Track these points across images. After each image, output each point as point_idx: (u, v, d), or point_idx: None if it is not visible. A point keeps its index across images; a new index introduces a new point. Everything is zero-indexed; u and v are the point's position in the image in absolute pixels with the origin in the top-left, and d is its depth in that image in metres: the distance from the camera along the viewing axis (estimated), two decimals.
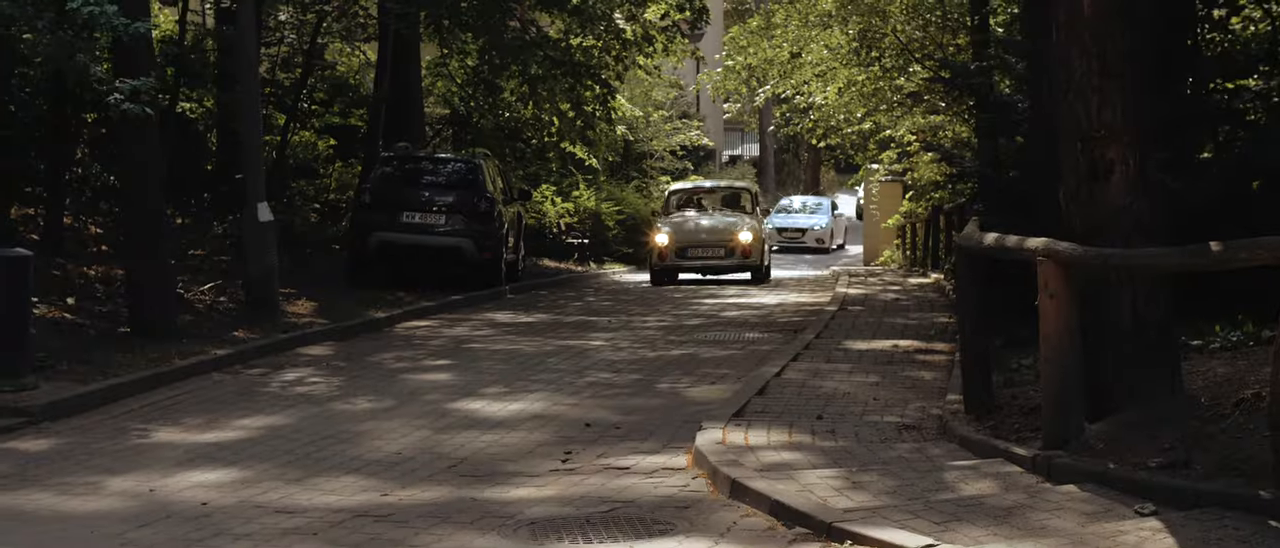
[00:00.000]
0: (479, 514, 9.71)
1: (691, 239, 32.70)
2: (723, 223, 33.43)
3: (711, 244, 32.60)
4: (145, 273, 18.33)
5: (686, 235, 32.78)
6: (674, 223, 33.38)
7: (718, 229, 33.02)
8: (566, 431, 12.79)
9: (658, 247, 32.59)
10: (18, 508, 10.18)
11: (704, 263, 32.66)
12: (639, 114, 46.31)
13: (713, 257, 32.54)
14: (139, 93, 16.52)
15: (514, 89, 33.15)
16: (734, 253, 32.48)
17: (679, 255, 32.45)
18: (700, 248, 32.56)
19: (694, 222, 33.56)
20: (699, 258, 32.60)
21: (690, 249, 32.54)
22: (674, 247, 32.42)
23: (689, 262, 32.59)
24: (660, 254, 32.48)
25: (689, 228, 33.10)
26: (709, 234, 32.84)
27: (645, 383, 15.65)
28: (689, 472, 10.94)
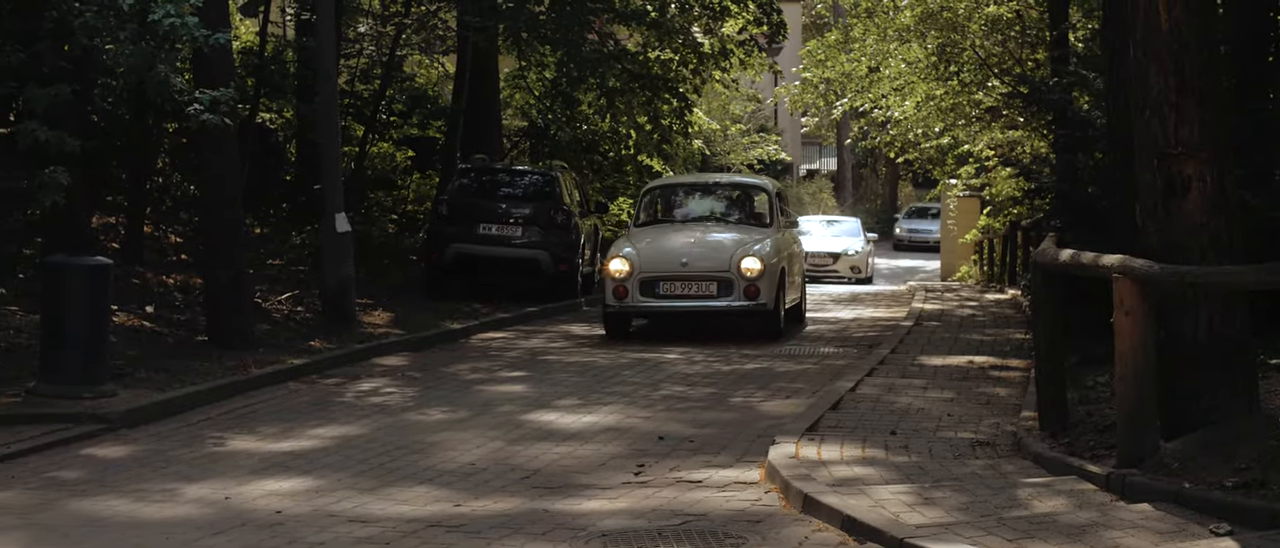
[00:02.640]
0: (551, 526, 9.74)
1: (664, 265, 21.26)
2: (718, 241, 22.07)
3: (697, 276, 21.24)
4: (223, 282, 18.47)
5: (658, 259, 21.36)
6: (643, 240, 22.19)
7: (708, 251, 21.63)
8: (639, 443, 12.81)
9: (612, 276, 21.24)
10: (95, 514, 10.29)
11: (685, 303, 21.31)
12: (716, 127, 46.27)
13: (698, 293, 21.21)
14: (218, 103, 16.65)
15: (591, 102, 33.17)
16: (732, 288, 21.01)
17: (646, 290, 21.15)
18: (679, 280, 21.25)
19: (674, 238, 22.23)
20: (677, 295, 21.25)
21: (663, 282, 21.19)
22: (638, 276, 21.08)
23: (660, 300, 21.27)
24: (617, 289, 21.19)
25: (664, 248, 21.71)
26: (695, 257, 21.42)
27: (719, 397, 15.65)
28: (762, 486, 10.93)
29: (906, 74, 33.82)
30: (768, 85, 52.28)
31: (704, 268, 21.14)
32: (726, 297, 20.99)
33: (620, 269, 21.09)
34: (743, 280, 20.86)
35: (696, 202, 24.12)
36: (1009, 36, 30.83)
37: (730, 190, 24.51)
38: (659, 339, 21.22)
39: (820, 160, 78.72)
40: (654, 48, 31.90)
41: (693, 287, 21.09)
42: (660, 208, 23.98)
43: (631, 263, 21.06)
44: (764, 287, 20.94)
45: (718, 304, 21.09)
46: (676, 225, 23.06)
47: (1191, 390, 10.70)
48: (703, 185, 25.02)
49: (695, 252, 21.49)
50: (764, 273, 20.93)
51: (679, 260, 21.27)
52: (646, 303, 21.21)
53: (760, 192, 23.99)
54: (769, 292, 21.04)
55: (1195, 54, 10.77)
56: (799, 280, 23.75)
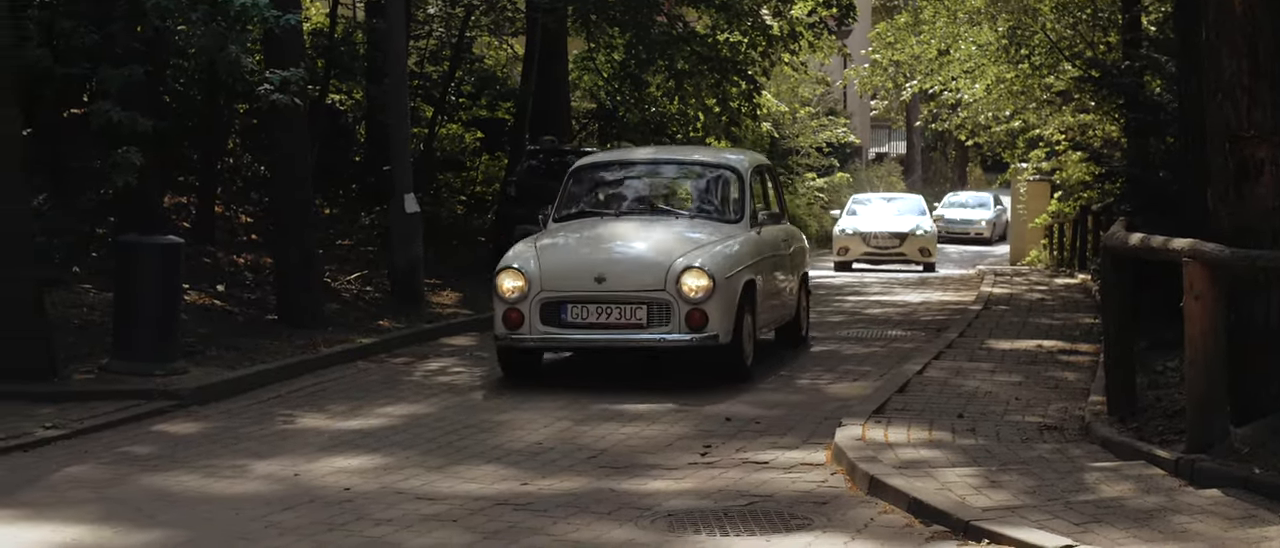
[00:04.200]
0: (616, 505, 9.78)
1: (573, 281, 15.00)
2: (653, 245, 15.50)
3: (619, 296, 14.84)
4: (293, 262, 18.60)
5: (565, 272, 15.13)
6: (551, 243, 15.86)
7: (637, 259, 15.29)
8: (706, 424, 12.83)
9: (502, 296, 14.97)
10: (166, 489, 10.39)
11: (601, 335, 15.00)
12: (785, 110, 46.22)
13: (620, 320, 14.87)
14: (288, 84, 16.75)
15: (660, 84, 33.17)
16: (668, 314, 14.75)
17: (549, 316, 14.89)
18: (594, 304, 14.89)
19: (594, 241, 15.81)
20: (589, 324, 14.91)
21: (572, 305, 14.89)
22: (536, 296, 14.89)
23: (568, 330, 14.98)
24: (508, 314, 14.91)
25: (576, 256, 15.48)
26: (616, 269, 15.08)
27: (786, 378, 15.66)
28: (828, 468, 10.94)
29: (977, 57, 33.65)
30: (837, 68, 52.12)
31: (629, 285, 14.64)
32: (659, 326, 14.57)
33: (511, 286, 14.70)
34: (683, 303, 14.48)
35: (639, 187, 17.26)
36: (1080, 19, 30.63)
37: (687, 171, 17.66)
38: None
39: (889, 143, 78.50)
40: (723, 30, 31.87)
41: (613, 312, 14.65)
42: (589, 196, 17.06)
43: (527, 277, 14.64)
44: (715, 311, 14.52)
45: (646, 337, 14.64)
46: (608, 221, 16.23)
47: (1262, 376, 10.64)
48: (648, 164, 17.99)
49: (619, 261, 15.04)
50: (715, 291, 14.51)
51: (593, 274, 14.72)
52: (549, 333, 14.68)
53: (729, 173, 16.89)
54: (723, 317, 14.62)
55: (1268, 37, 10.69)
56: (792, 295, 17.57)
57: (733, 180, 16.91)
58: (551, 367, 16.46)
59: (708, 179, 17.31)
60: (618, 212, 16.66)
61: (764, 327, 16.32)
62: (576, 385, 14.97)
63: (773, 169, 18.96)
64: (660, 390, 14.61)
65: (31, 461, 11.41)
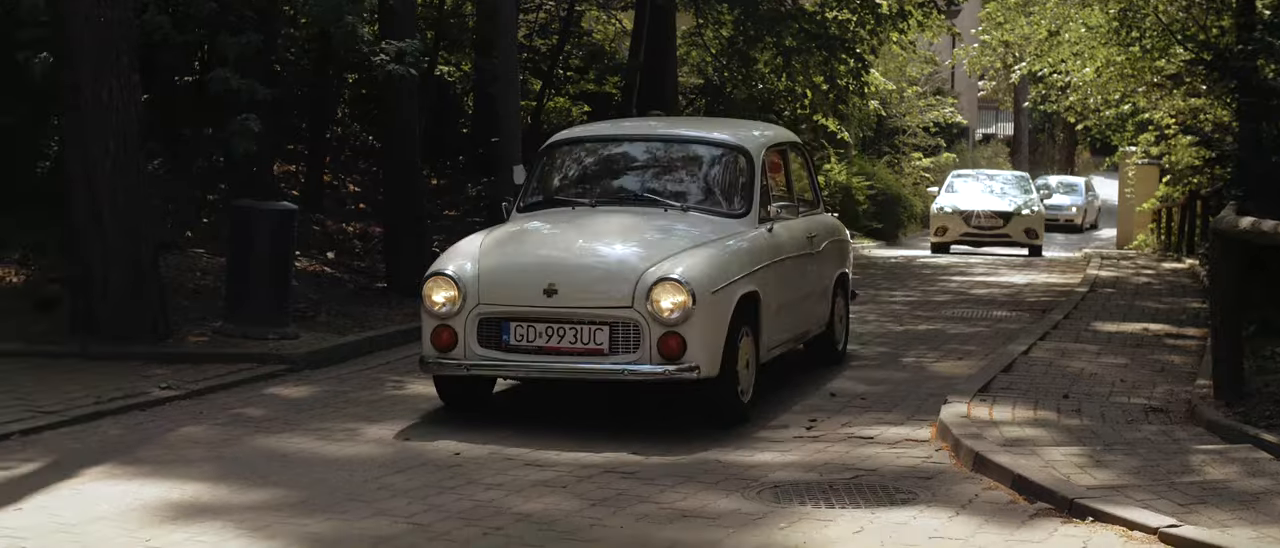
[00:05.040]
0: (722, 476, 9.88)
1: (517, 291, 11.62)
2: (624, 245, 12.12)
3: (573, 314, 11.46)
4: (402, 231, 18.80)
5: (508, 279, 11.73)
6: (498, 242, 12.39)
7: (599, 264, 11.92)
8: (811, 399, 12.90)
9: (431, 308, 11.72)
10: (279, 449, 10.59)
11: (551, 361, 11.53)
12: (892, 89, 46.07)
13: (574, 344, 11.46)
14: (404, 55, 16.93)
15: (768, 61, 33.16)
16: (635, 337, 11.35)
17: (488, 336, 11.59)
18: (541, 322, 11.51)
19: (551, 239, 12.55)
20: (536, 348, 11.52)
21: (515, 323, 11.54)
22: (473, 310, 11.62)
23: (511, 355, 11.56)
24: (438, 333, 11.68)
25: (523, 258, 12.10)
26: (572, 277, 11.60)
27: (891, 356, 15.69)
28: (932, 444, 10.99)
29: (1087, 38, 33.40)
30: (945, 47, 51.95)
31: (587, 300, 11.41)
32: (624, 353, 11.29)
33: (441, 299, 11.60)
34: (656, 325, 11.21)
35: (625, 170, 13.81)
36: (1193, 2, 30.39)
37: (684, 151, 13.79)
38: None
39: (997, 125, 78.05)
40: (831, 7, 31.85)
41: (565, 334, 11.38)
42: (563, 180, 13.68)
43: (460, 286, 11.54)
44: (697, 335, 11.24)
45: (606, 367, 11.34)
46: (580, 213, 12.78)
47: None
48: (638, 142, 14.10)
49: (576, 268, 11.67)
50: (696, 309, 11.21)
51: (542, 284, 11.41)
52: (486, 359, 11.50)
53: (734, 154, 13.35)
54: (707, 344, 11.32)
55: None
56: (823, 302, 14.42)
57: (739, 164, 13.19)
58: None
59: (709, 162, 13.53)
60: (594, 201, 12.94)
61: (777, 346, 12.92)
62: None
63: (801, 147, 15.14)
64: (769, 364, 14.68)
65: (148, 420, 11.65)
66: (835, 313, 14.81)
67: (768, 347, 12.59)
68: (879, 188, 42.37)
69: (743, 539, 8.29)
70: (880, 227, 41.65)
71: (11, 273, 16.76)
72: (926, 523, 8.72)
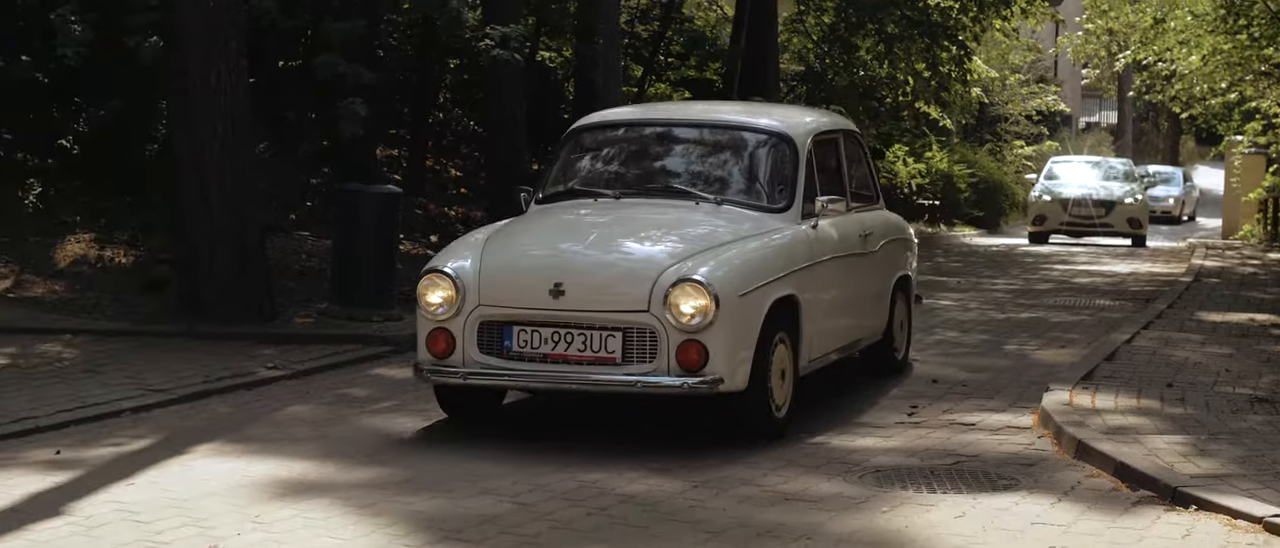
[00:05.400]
0: (824, 459, 9.91)
1: (521, 292, 10.38)
2: (641, 242, 10.91)
3: (580, 319, 10.24)
4: (506, 215, 18.87)
5: (510, 278, 10.48)
6: (508, 238, 11.13)
7: (612, 263, 10.63)
8: (913, 385, 12.90)
9: (426, 311, 10.56)
10: (384, 429, 10.75)
11: (558, 369, 10.29)
12: (995, 76, 45.81)
13: (582, 352, 10.23)
14: (509, 40, 17.02)
15: (869, 47, 33.10)
16: (652, 345, 10.13)
17: (489, 342, 10.37)
18: (547, 327, 10.29)
19: (564, 234, 11.16)
20: (541, 355, 10.30)
21: (519, 327, 10.34)
22: (471, 312, 10.40)
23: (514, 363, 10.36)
24: (434, 337, 10.52)
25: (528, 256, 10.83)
26: (580, 277, 10.35)
27: (992, 343, 15.65)
28: (1034, 431, 10.96)
29: (1193, 27, 33.10)
30: (1049, 35, 51.59)
31: (597, 302, 10.23)
32: (639, 362, 10.11)
33: (437, 299, 10.46)
34: (674, 330, 10.03)
35: (655, 158, 12.39)
36: None
37: (720, 138, 12.42)
38: (934, 287, 21.17)
39: (1100, 113, 77.45)
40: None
41: (573, 340, 10.21)
42: (587, 168, 12.34)
43: (459, 285, 10.39)
44: (721, 343, 10.07)
45: (618, 378, 10.17)
46: (603, 205, 11.54)
47: None
48: (671, 127, 12.65)
49: (586, 267, 10.47)
50: (721, 314, 10.03)
51: (548, 284, 10.20)
52: (487, 367, 10.33)
53: (776, 142, 11.96)
54: (733, 353, 10.17)
55: None
56: (879, 306, 13.12)
57: (781, 153, 11.83)
58: None
59: (748, 150, 12.11)
60: (619, 193, 11.68)
61: (822, 356, 11.64)
62: None
63: (856, 136, 13.57)
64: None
65: (255, 399, 11.82)
66: (895, 319, 13.43)
67: (809, 357, 11.28)
68: (980, 176, 42.10)
69: (844, 522, 8.31)
70: (981, 215, 41.41)
71: (121, 254, 17.00)
72: (1028, 509, 8.71)
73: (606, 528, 8.18)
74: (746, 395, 10.33)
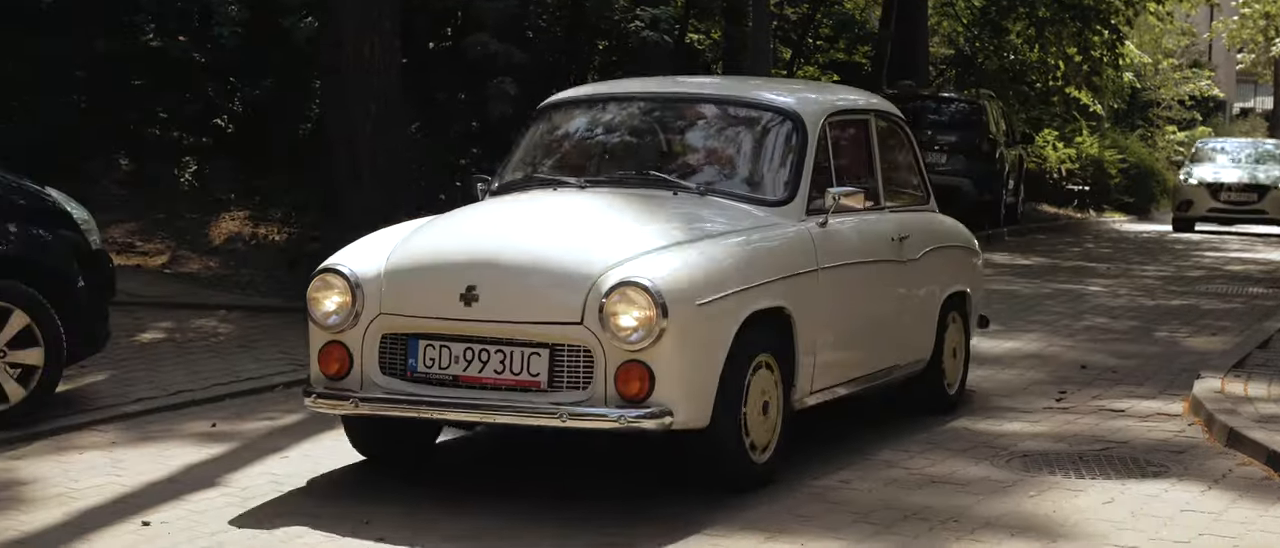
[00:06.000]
0: (971, 443, 9.87)
1: (429, 298, 8.22)
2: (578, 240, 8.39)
3: (496, 332, 8.06)
4: None
5: (418, 280, 8.31)
6: (426, 233, 8.79)
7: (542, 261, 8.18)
8: (1061, 371, 12.81)
9: (319, 318, 8.43)
10: None
11: (473, 397, 8.08)
12: (1147, 61, 45.28)
13: (498, 375, 8.07)
14: (659, 21, 17.07)
15: (1020, 31, 32.84)
16: (587, 367, 7.95)
17: (391, 361, 8.27)
18: (457, 342, 8.13)
19: (486, 232, 8.71)
20: (449, 378, 8.15)
21: (426, 342, 8.20)
22: (371, 323, 8.29)
23: (420, 387, 8.20)
24: (326, 353, 8.42)
25: (444, 252, 8.45)
26: (499, 278, 8.10)
27: (1142, 330, 15.51)
28: (1184, 418, 10.85)
29: None
30: (1203, 19, 50.89)
31: (516, 311, 8.11)
32: (569, 388, 8.03)
33: (331, 304, 8.43)
34: (613, 348, 7.93)
35: (634, 140, 10.20)
36: None
37: (712, 117, 10.20)
38: (1083, 273, 20.96)
39: (1255, 99, 76.20)
40: None
41: (489, 358, 8.13)
42: (555, 151, 10.26)
43: (355, 287, 8.36)
44: (670, 365, 7.95)
45: (542, 407, 8.00)
46: (561, 194, 9.44)
47: None
48: (655, 103, 10.30)
49: (506, 264, 8.25)
50: (671, 327, 7.91)
51: (460, 286, 8.14)
52: (391, 391, 8.26)
53: (779, 122, 9.82)
54: (688, 379, 8.05)
55: None
56: (920, 328, 10.66)
57: (784, 134, 9.67)
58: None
59: (744, 132, 9.95)
60: (587, 180, 9.58)
61: (829, 387, 9.40)
62: None
63: (892, 117, 11.04)
64: (1016, 332, 14.63)
65: None
66: (945, 345, 10.96)
67: (810, 386, 9.08)
68: (1131, 161, 41.63)
69: (991, 506, 8.28)
70: (1132, 201, 40.96)
71: (274, 231, 17.25)
72: (1178, 496, 8.63)
73: (753, 507, 8.19)
74: (709, 434, 8.10)
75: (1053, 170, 38.81)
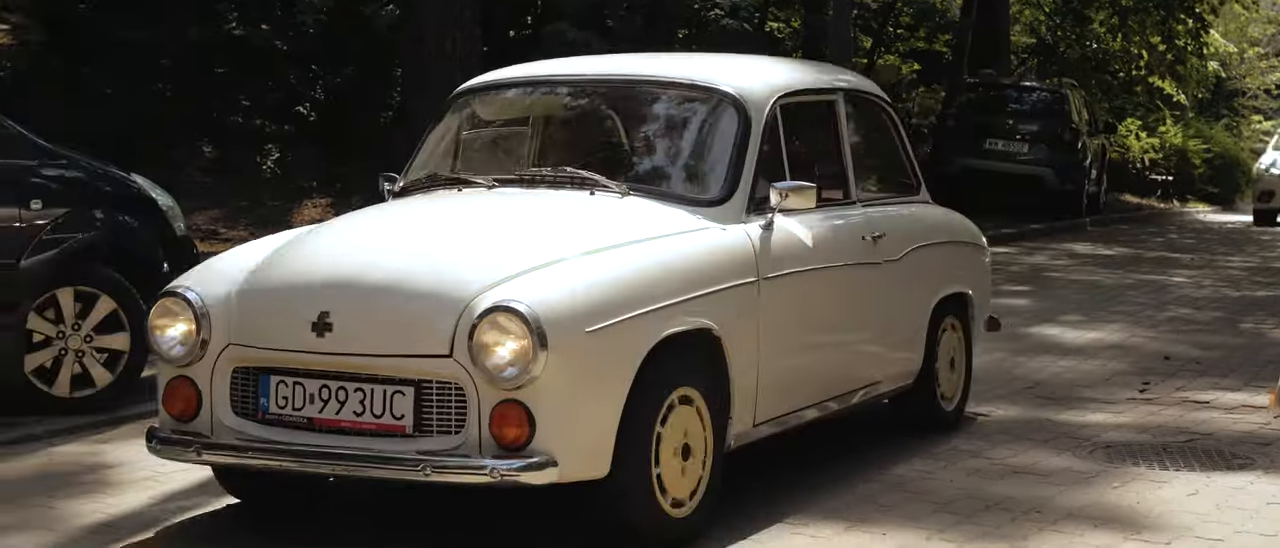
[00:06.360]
0: (1054, 434, 9.81)
1: (276, 326, 6.85)
2: (454, 253, 6.94)
3: (355, 370, 6.66)
4: None
5: (274, 309, 6.90)
6: (290, 248, 7.38)
7: (395, 290, 6.69)
8: (1144, 362, 12.71)
9: (161, 348, 7.03)
10: None
11: (328, 443, 6.68)
12: (1233, 50, 44.84)
13: (354, 416, 6.66)
14: (738, 10, 17.07)
15: (1103, 20, 32.62)
16: (462, 408, 6.53)
17: (242, 400, 6.89)
18: (310, 378, 6.74)
19: (353, 244, 7.28)
20: (304, 421, 6.76)
21: (278, 378, 6.81)
22: (220, 354, 6.90)
23: (274, 433, 6.80)
24: (172, 392, 6.99)
25: (306, 277, 6.95)
26: (358, 306, 6.68)
27: (1227, 321, 15.37)
28: (1270, 410, 10.73)
29: None
30: None
31: (374, 339, 6.67)
32: (439, 433, 6.59)
33: (176, 332, 7.03)
34: (487, 386, 6.49)
35: (553, 131, 9.00)
36: None
37: (644, 102, 8.60)
38: (1166, 264, 20.80)
39: None
40: None
41: (347, 397, 6.72)
42: (458, 148, 8.88)
43: (201, 315, 6.96)
44: (553, 406, 6.50)
45: (402, 456, 6.57)
46: (462, 198, 8.04)
47: None
48: (579, 87, 8.88)
49: (365, 284, 6.79)
50: (552, 361, 6.46)
51: (312, 312, 6.71)
52: (242, 436, 6.86)
53: (721, 108, 8.23)
54: (576, 422, 6.60)
55: None
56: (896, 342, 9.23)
57: (723, 120, 8.18)
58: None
59: (679, 117, 8.48)
60: (499, 178, 8.16)
61: (778, 416, 7.97)
62: (1011, 314, 14.98)
63: (868, 99, 9.71)
64: (1099, 322, 14.54)
65: None
66: (940, 356, 9.73)
67: (752, 418, 7.71)
68: (1216, 152, 41.27)
69: (1074, 497, 8.22)
70: (1216, 191, 40.61)
71: None
72: (1263, 489, 8.54)
73: (833, 496, 8.17)
74: (609, 487, 6.76)
75: (1136, 160, 38.51)
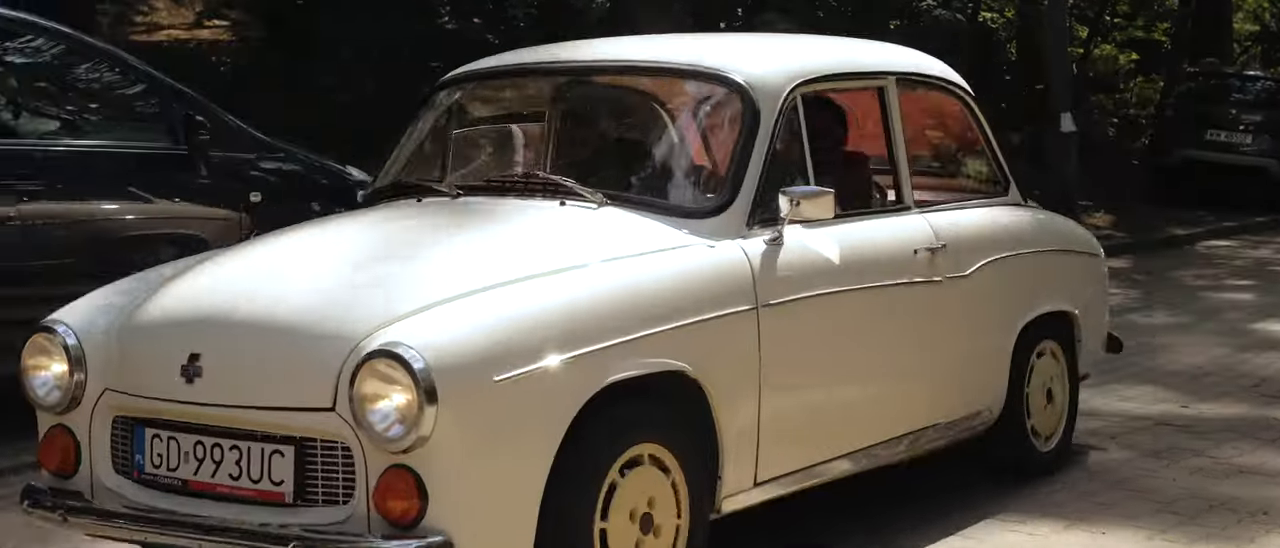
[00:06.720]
0: (1279, 433, 9.52)
1: (156, 368, 5.55)
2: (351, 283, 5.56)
3: (228, 424, 5.38)
4: None
5: (148, 350, 5.64)
6: (186, 277, 6.01)
7: (273, 328, 5.38)
8: None
9: (39, 393, 5.82)
10: None
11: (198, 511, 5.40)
12: None
13: (238, 483, 5.36)
14: (951, 0, 16.84)
15: None
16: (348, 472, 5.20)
17: (123, 457, 5.68)
18: (183, 433, 5.47)
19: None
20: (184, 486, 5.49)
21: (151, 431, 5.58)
22: (105, 405, 5.70)
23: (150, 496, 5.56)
24: (51, 443, 5.79)
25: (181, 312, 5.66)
26: (231, 347, 5.41)
27: None
28: None
29: None
30: None
31: (248, 389, 5.37)
32: (325, 503, 5.25)
33: (50, 375, 5.79)
34: (373, 448, 5.12)
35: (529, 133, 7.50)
36: None
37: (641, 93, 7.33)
38: None
39: None
40: None
41: (222, 458, 5.42)
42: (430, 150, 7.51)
43: (76, 355, 5.72)
44: (454, 477, 5.08)
45: (283, 532, 5.19)
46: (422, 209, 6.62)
47: None
48: (573, 76, 7.55)
49: (237, 324, 5.49)
50: (443, 419, 5.02)
51: (182, 353, 5.43)
52: (119, 499, 5.62)
53: (727, 100, 6.74)
54: (477, 494, 5.15)
55: None
56: (967, 373, 7.59)
57: (728, 115, 6.80)
58: (1206, 287, 16.05)
59: (675, 113, 7.13)
60: (466, 184, 6.89)
61: (820, 462, 6.62)
62: (1234, 309, 14.61)
63: (933, 79, 8.36)
64: None
65: None
66: (1032, 387, 8.18)
67: (752, 477, 6.23)
68: None
69: None
70: None
71: None
72: None
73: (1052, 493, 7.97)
74: None
75: None
